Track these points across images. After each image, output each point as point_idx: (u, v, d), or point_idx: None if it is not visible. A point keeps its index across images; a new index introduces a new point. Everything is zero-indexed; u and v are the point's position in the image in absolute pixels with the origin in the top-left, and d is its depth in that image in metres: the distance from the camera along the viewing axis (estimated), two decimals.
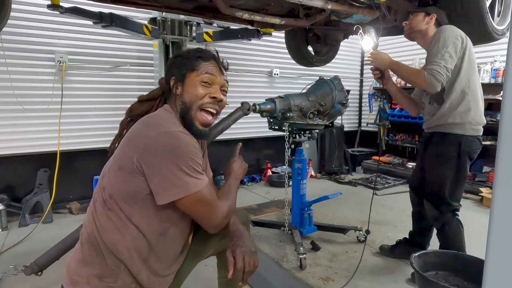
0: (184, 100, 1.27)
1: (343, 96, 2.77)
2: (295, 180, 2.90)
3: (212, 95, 1.29)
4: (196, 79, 1.28)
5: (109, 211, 1.18)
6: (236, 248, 1.24)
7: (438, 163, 2.20)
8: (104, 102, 3.82)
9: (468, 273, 2.00)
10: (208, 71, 1.29)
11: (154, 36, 3.19)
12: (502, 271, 0.65)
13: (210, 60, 1.32)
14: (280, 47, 4.77)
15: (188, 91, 1.28)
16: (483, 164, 4.42)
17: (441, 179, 2.19)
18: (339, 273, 2.45)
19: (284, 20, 2.64)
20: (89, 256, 1.19)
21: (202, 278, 2.29)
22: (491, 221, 0.66)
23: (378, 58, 2.26)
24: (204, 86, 1.28)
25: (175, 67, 1.33)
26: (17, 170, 3.48)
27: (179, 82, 1.30)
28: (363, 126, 6.38)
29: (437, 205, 2.23)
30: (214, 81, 1.30)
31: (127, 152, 1.16)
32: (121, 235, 1.16)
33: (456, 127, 2.13)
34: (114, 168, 1.19)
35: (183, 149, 1.13)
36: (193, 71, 1.28)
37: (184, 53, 1.37)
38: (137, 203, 1.16)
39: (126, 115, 1.42)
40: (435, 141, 2.24)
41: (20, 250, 2.76)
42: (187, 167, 1.12)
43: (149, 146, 1.12)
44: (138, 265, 1.20)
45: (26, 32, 3.36)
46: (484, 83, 4.20)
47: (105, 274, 1.17)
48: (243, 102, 2.37)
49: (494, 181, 0.65)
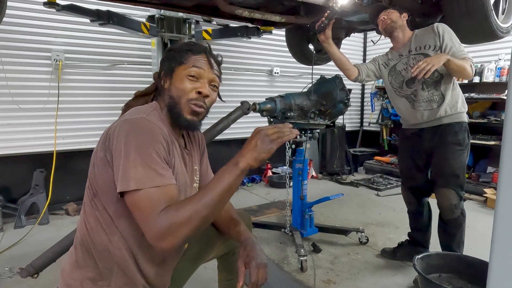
0: (171, 95, 1.21)
1: (344, 95, 2.75)
2: (296, 181, 2.88)
3: (198, 89, 1.21)
4: (183, 72, 1.21)
5: (96, 211, 1.14)
6: (251, 261, 1.22)
7: (460, 150, 2.26)
8: (102, 102, 3.80)
9: (472, 275, 1.98)
10: (195, 65, 1.22)
11: (152, 34, 3.18)
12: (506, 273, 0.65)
13: (201, 53, 1.25)
14: (280, 45, 4.74)
15: (175, 85, 1.22)
16: (487, 165, 4.38)
17: (463, 166, 2.26)
18: (340, 275, 2.42)
19: (284, 17, 2.63)
20: (82, 259, 1.17)
21: (201, 280, 2.27)
22: (495, 222, 0.66)
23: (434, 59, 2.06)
24: (191, 80, 1.21)
25: (167, 60, 1.28)
26: (13, 171, 3.46)
27: (167, 76, 1.24)
28: (365, 126, 6.35)
29: (459, 191, 2.27)
30: (202, 75, 1.23)
31: (99, 146, 1.13)
32: (109, 235, 1.13)
33: (462, 116, 2.28)
34: (91, 165, 1.16)
35: (135, 136, 1.03)
36: (181, 64, 1.22)
37: (177, 46, 1.32)
38: (112, 199, 1.10)
39: (122, 111, 1.36)
40: (453, 131, 2.27)
41: (15, 252, 2.74)
42: (136, 157, 1.00)
43: (110, 136, 1.07)
44: (132, 266, 1.17)
45: (22, 30, 3.34)
46: (488, 82, 4.21)
47: (98, 277, 1.15)
48: (242, 101, 2.36)
49: (498, 182, 0.65)
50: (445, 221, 2.31)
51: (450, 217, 2.29)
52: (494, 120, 4.10)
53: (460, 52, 2.17)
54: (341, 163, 5.43)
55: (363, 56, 6.24)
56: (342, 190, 4.57)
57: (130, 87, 3.92)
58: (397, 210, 3.77)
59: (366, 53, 6.22)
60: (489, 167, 4.35)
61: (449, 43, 2.18)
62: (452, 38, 2.19)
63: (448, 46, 2.18)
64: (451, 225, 2.29)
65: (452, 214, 2.28)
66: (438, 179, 2.32)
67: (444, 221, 2.32)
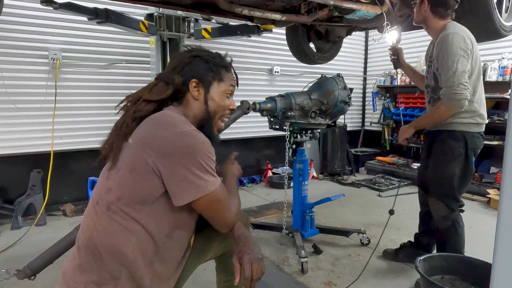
0: (208, 109, 1.32)
1: (346, 94, 2.76)
2: (297, 182, 2.88)
3: (231, 107, 1.39)
4: (223, 89, 1.34)
5: (113, 214, 1.15)
6: (244, 255, 1.24)
7: (446, 160, 2.21)
8: (100, 101, 3.78)
9: (475, 277, 1.97)
10: (232, 84, 1.38)
11: (150, 33, 3.16)
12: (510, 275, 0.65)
13: (231, 71, 1.39)
14: (281, 44, 4.71)
15: (214, 100, 1.32)
16: (491, 165, 4.35)
17: (450, 176, 2.20)
18: (341, 277, 2.41)
19: (285, 16, 2.62)
20: (86, 262, 1.16)
21: (201, 282, 2.26)
22: (498, 223, 0.65)
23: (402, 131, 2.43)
24: (227, 98, 1.37)
25: (196, 69, 1.31)
26: (10, 171, 3.44)
27: (202, 87, 1.31)
28: (367, 126, 6.33)
29: (448, 203, 2.23)
30: (233, 93, 1.40)
31: (140, 154, 1.14)
32: (126, 237, 1.14)
33: (461, 126, 2.17)
34: (124, 171, 1.17)
35: (200, 148, 1.14)
36: (220, 81, 1.34)
37: (205, 55, 1.34)
38: (147, 205, 1.15)
39: (129, 116, 1.26)
40: (441, 139, 2.24)
41: (12, 253, 2.73)
42: (204, 166, 1.14)
43: (165, 146, 1.12)
44: (143, 269, 1.17)
45: (19, 28, 3.32)
46: (492, 81, 4.17)
47: (103, 281, 1.14)
48: (242, 100, 2.37)
49: (502, 183, 0.65)
50: (437, 228, 2.34)
51: (439, 228, 2.30)
52: (497, 120, 4.06)
53: (445, 77, 2.06)
54: (342, 163, 5.42)
55: (365, 55, 6.21)
56: (343, 190, 4.55)
57: (129, 86, 3.88)
58: (399, 211, 3.72)
59: (368, 52, 6.19)
60: (492, 167, 4.33)
61: (443, 62, 2.07)
62: (447, 57, 2.04)
63: (439, 64, 2.12)
64: (442, 234, 2.31)
65: (441, 225, 2.29)
66: (428, 186, 2.37)
67: (436, 229, 2.34)
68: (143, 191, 1.14)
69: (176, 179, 1.12)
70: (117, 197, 1.16)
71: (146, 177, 1.13)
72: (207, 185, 1.14)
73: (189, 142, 1.13)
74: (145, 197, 1.14)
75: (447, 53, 2.03)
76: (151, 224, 1.16)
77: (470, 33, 2.10)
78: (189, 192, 1.12)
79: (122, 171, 1.17)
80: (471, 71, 2.08)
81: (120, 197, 1.15)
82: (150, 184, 1.13)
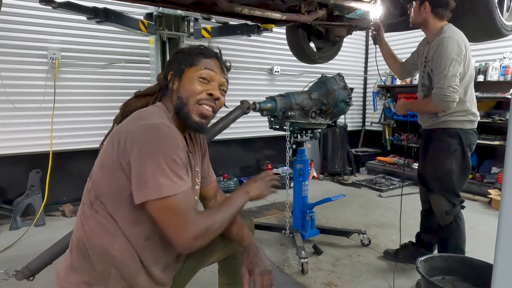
0: (180, 95, 1.23)
1: (346, 94, 2.76)
2: (297, 182, 2.87)
3: (209, 91, 1.24)
4: (195, 74, 1.24)
5: (96, 213, 1.14)
6: (255, 267, 1.22)
7: (443, 156, 2.26)
8: (99, 101, 3.77)
9: (476, 277, 1.96)
10: (207, 67, 1.26)
11: (150, 32, 3.15)
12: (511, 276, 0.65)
13: (212, 57, 1.29)
14: (281, 44, 4.69)
15: (185, 86, 1.24)
16: (492, 165, 4.34)
17: (449, 171, 2.25)
18: (342, 278, 2.41)
19: (285, 15, 2.64)
20: (77, 262, 1.15)
21: (201, 283, 2.25)
22: (500, 224, 0.65)
23: (398, 107, 2.55)
24: (202, 82, 1.24)
25: (175, 62, 1.29)
26: (8, 171, 3.43)
27: (176, 77, 1.26)
28: (367, 126, 6.32)
29: (449, 197, 2.27)
30: (213, 78, 1.26)
31: (109, 149, 1.11)
32: (111, 237, 1.12)
33: (455, 123, 2.25)
34: (97, 168, 1.16)
35: (161, 144, 1.06)
36: (192, 66, 1.25)
37: (186, 49, 1.34)
38: (122, 204, 1.11)
39: (120, 110, 1.37)
40: (437, 136, 2.29)
41: (11, 254, 2.72)
42: (164, 164, 1.04)
43: (127, 140, 1.07)
44: (134, 269, 1.16)
45: (18, 27, 3.31)
46: (493, 80, 4.16)
47: (94, 281, 1.13)
48: (242, 100, 2.37)
49: (503, 183, 0.64)
50: (439, 225, 2.34)
51: (442, 223, 2.32)
52: (498, 120, 4.06)
53: (437, 78, 2.13)
54: (343, 163, 5.40)
55: (365, 54, 6.21)
56: (344, 191, 4.54)
57: (128, 86, 3.89)
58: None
59: (368, 51, 6.18)
60: (494, 167, 4.31)
61: (437, 64, 2.13)
62: (441, 60, 2.10)
63: (433, 65, 2.17)
64: (443, 231, 2.32)
65: (443, 221, 2.30)
66: (428, 183, 2.39)
67: (438, 226, 2.35)
68: (112, 189, 1.10)
69: (134, 175, 1.05)
70: (95, 196, 1.14)
71: (114, 173, 1.09)
72: (160, 188, 1.02)
73: (151, 136, 1.06)
74: (117, 196, 1.10)
75: (441, 56, 2.11)
76: (126, 226, 1.12)
77: (465, 36, 2.16)
78: (141, 191, 1.04)
79: (96, 168, 1.16)
80: (463, 73, 2.15)
81: (97, 195, 1.13)
82: (117, 180, 1.08)
